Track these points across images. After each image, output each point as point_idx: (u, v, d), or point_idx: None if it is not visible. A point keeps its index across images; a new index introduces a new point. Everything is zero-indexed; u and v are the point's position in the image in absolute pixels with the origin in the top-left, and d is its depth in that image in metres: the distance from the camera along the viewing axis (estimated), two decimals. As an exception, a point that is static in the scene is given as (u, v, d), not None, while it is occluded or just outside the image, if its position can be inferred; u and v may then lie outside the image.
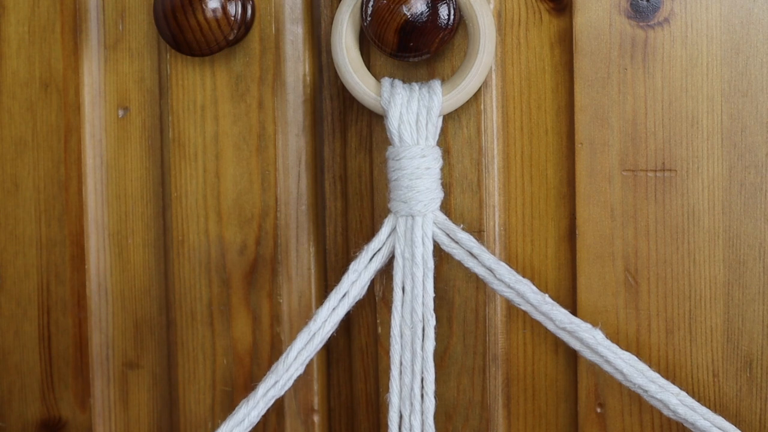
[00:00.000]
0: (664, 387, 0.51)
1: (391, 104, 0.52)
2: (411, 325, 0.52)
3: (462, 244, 0.53)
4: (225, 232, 0.59)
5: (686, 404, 0.51)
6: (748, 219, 0.53)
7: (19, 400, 0.64)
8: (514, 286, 0.52)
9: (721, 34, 0.52)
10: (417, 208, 0.52)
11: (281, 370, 0.53)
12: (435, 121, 0.53)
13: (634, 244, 0.54)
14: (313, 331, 0.53)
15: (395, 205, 0.53)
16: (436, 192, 0.53)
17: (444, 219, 0.53)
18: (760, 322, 0.53)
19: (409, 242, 0.53)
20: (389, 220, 0.53)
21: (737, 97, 0.52)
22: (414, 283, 0.52)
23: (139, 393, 0.62)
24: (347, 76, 0.54)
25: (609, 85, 0.54)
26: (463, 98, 0.53)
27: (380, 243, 0.54)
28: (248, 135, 0.58)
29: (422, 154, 0.52)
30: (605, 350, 0.51)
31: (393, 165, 0.53)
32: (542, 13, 0.55)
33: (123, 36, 0.60)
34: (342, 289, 0.53)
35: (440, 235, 0.53)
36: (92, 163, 0.62)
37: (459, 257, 0.53)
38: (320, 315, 0.53)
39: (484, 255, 0.52)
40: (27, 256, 0.63)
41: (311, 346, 0.53)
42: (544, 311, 0.52)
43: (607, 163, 0.54)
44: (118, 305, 0.62)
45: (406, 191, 0.52)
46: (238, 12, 0.55)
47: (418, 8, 0.52)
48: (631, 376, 0.51)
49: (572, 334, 0.51)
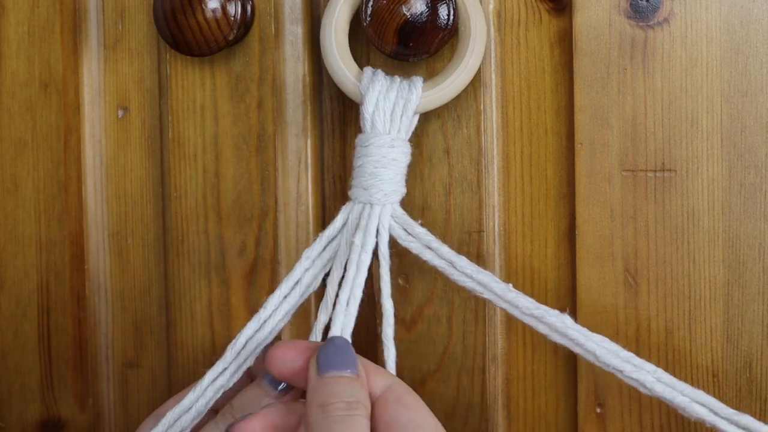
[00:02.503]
0: (640, 366, 0.50)
1: (369, 90, 0.52)
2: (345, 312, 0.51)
3: (419, 238, 0.52)
4: (225, 232, 0.58)
5: (663, 381, 0.50)
6: (748, 219, 0.53)
7: (18, 400, 0.64)
8: (475, 277, 0.52)
9: (721, 34, 0.52)
10: (377, 196, 0.52)
11: (229, 357, 0.51)
12: (410, 115, 0.53)
13: (634, 245, 0.54)
14: (263, 319, 0.52)
15: (355, 191, 0.53)
16: (398, 185, 0.53)
17: (402, 213, 0.53)
18: (760, 322, 0.53)
19: (362, 229, 0.52)
20: (346, 207, 0.53)
21: (737, 97, 0.52)
22: (357, 270, 0.51)
23: (139, 393, 0.62)
24: (330, 59, 0.54)
25: (609, 85, 0.54)
26: (443, 98, 0.53)
27: (335, 230, 0.53)
28: (248, 135, 0.58)
29: (391, 144, 0.52)
30: (575, 333, 0.50)
31: (360, 151, 0.52)
32: (542, 13, 0.55)
33: (123, 36, 0.60)
34: (294, 277, 0.52)
35: (397, 228, 0.53)
36: (92, 163, 0.62)
37: (416, 251, 0.52)
38: (270, 302, 0.52)
39: (442, 249, 0.52)
40: (27, 256, 0.63)
41: (261, 334, 0.52)
42: (509, 299, 0.51)
43: (606, 163, 0.54)
44: (117, 305, 0.62)
45: (369, 178, 0.52)
46: (238, 12, 0.55)
47: (418, 8, 0.52)
48: (604, 357, 0.50)
49: (539, 319, 0.51)
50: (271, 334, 0.52)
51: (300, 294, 0.53)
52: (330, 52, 0.54)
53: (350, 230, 0.52)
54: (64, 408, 0.63)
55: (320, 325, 0.52)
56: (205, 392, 0.51)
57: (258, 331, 0.52)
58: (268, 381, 0.49)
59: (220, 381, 0.51)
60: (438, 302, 0.56)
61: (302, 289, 0.53)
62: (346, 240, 0.52)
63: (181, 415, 0.51)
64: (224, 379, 0.51)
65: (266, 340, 0.52)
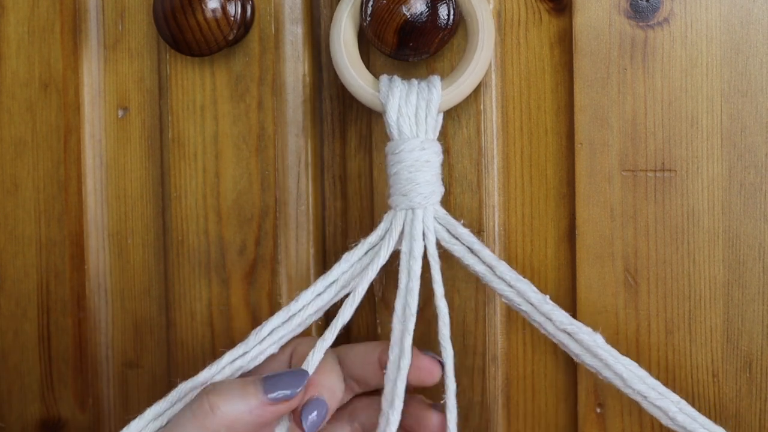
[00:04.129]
0: (664, 394, 0.50)
1: (390, 98, 0.52)
2: (402, 320, 0.52)
3: (462, 239, 0.52)
4: (225, 232, 0.59)
5: (685, 412, 0.50)
6: (748, 219, 0.53)
7: (18, 400, 0.64)
8: (514, 285, 0.51)
9: (721, 34, 0.52)
10: (417, 200, 0.52)
11: (252, 342, 0.52)
12: (434, 115, 0.52)
13: (634, 245, 0.54)
14: (293, 312, 0.52)
15: (395, 199, 0.53)
16: (436, 185, 0.52)
17: (444, 213, 0.52)
18: (760, 322, 0.53)
19: (408, 236, 0.52)
20: (389, 215, 0.53)
21: (737, 97, 0.52)
22: (410, 277, 0.51)
23: (138, 393, 0.62)
24: (345, 73, 0.54)
25: (609, 85, 0.54)
26: (462, 93, 0.53)
27: (378, 237, 0.53)
28: (248, 135, 0.58)
29: (421, 147, 0.52)
30: (605, 354, 0.50)
31: (392, 159, 0.52)
32: (542, 13, 0.55)
33: (123, 36, 0.60)
34: (330, 277, 0.52)
35: (440, 230, 0.52)
36: (92, 163, 0.62)
37: (459, 254, 0.52)
38: (302, 297, 0.52)
39: (484, 252, 0.52)
40: (26, 256, 0.63)
41: (288, 326, 0.52)
42: (545, 311, 0.51)
43: (606, 163, 0.54)
44: (117, 305, 0.62)
45: (406, 184, 0.52)
46: (238, 12, 0.55)
47: (418, 8, 0.52)
48: (631, 381, 0.50)
49: (572, 336, 0.51)
50: (299, 327, 0.52)
51: (334, 293, 0.53)
52: (343, 65, 0.53)
53: (394, 237, 0.52)
54: (64, 408, 0.63)
55: (334, 330, 0.52)
56: (222, 370, 0.51)
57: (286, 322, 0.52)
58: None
59: (239, 363, 0.51)
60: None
61: (337, 289, 0.53)
62: (387, 246, 0.52)
63: (195, 389, 0.51)
64: (244, 362, 0.51)
65: (293, 332, 0.52)
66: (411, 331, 0.51)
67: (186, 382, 0.51)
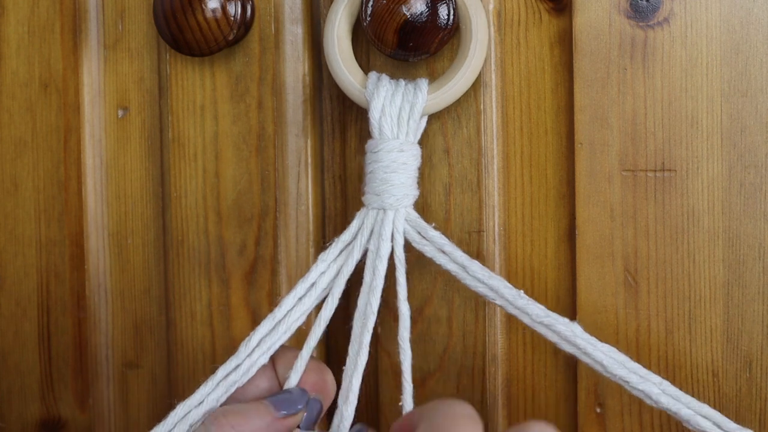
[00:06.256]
0: (645, 377, 0.50)
1: (375, 96, 0.52)
2: (363, 317, 0.52)
3: (433, 241, 0.53)
4: (224, 232, 0.59)
5: (668, 393, 0.50)
6: (748, 219, 0.53)
7: (18, 400, 0.64)
8: (487, 282, 0.52)
9: (721, 34, 0.52)
10: (389, 201, 0.52)
11: (243, 353, 0.52)
12: (417, 118, 0.53)
13: (634, 244, 0.54)
14: (278, 318, 0.52)
15: (368, 197, 0.53)
16: (410, 188, 0.53)
17: (416, 216, 0.53)
18: (760, 322, 0.53)
19: (376, 235, 0.52)
20: (361, 213, 0.53)
21: (737, 97, 0.52)
22: (374, 275, 0.52)
23: (138, 393, 0.62)
24: (335, 66, 0.54)
25: (609, 85, 0.54)
26: (448, 99, 0.53)
27: (351, 235, 0.53)
28: (248, 135, 0.58)
29: (400, 148, 0.52)
30: (583, 342, 0.50)
31: (370, 157, 0.53)
32: (542, 13, 0.55)
33: (122, 36, 0.60)
34: (309, 279, 0.53)
35: (411, 232, 0.53)
36: (92, 163, 0.62)
37: (430, 254, 0.53)
38: (285, 303, 0.52)
39: (456, 252, 0.52)
40: (26, 256, 0.63)
41: (275, 335, 0.52)
42: (520, 306, 0.51)
43: (606, 163, 0.54)
44: (117, 305, 0.62)
45: (380, 184, 0.52)
46: (238, 12, 0.55)
47: (418, 8, 0.52)
48: (611, 367, 0.50)
49: (549, 327, 0.51)
50: (285, 333, 0.52)
51: (316, 296, 0.53)
52: (334, 59, 0.54)
53: (365, 235, 0.52)
54: (64, 408, 0.63)
55: (317, 333, 0.52)
56: (217, 387, 0.51)
57: (272, 330, 0.52)
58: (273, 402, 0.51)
59: (233, 377, 0.51)
60: (438, 302, 0.56)
61: (318, 292, 0.53)
62: (359, 245, 0.53)
63: (191, 409, 0.51)
64: (237, 375, 0.51)
65: (280, 339, 0.52)
66: (370, 329, 0.51)
67: (183, 404, 0.51)
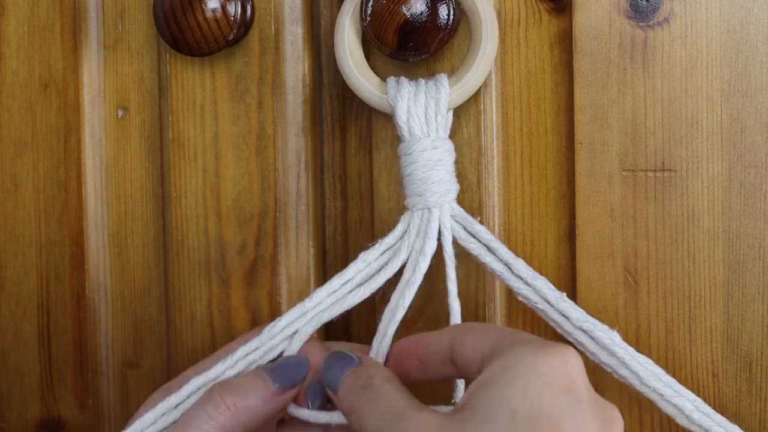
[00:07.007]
0: (680, 392, 0.50)
1: (398, 99, 0.52)
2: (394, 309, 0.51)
3: (479, 237, 0.52)
4: (224, 232, 0.59)
5: (702, 411, 0.50)
6: (748, 219, 0.53)
7: (18, 400, 0.64)
8: (531, 282, 0.51)
9: (721, 34, 0.52)
10: (432, 199, 0.52)
11: (266, 337, 0.52)
12: (444, 113, 0.52)
13: (634, 244, 0.54)
14: (307, 308, 0.52)
15: (411, 200, 0.52)
16: (450, 184, 0.52)
17: (461, 211, 0.52)
18: (760, 322, 0.53)
19: (422, 234, 0.52)
20: (406, 216, 0.53)
21: (737, 97, 0.52)
22: (414, 272, 0.51)
23: (138, 393, 0.62)
24: (351, 77, 0.54)
25: (609, 85, 0.54)
26: (468, 90, 0.53)
27: (396, 238, 0.53)
28: (248, 135, 0.58)
29: (433, 146, 0.52)
30: (622, 352, 0.50)
31: (405, 160, 0.52)
32: (542, 13, 0.55)
33: (122, 36, 0.60)
34: (346, 275, 0.53)
35: (457, 228, 0.52)
36: (92, 163, 0.62)
37: (476, 252, 0.52)
38: (317, 294, 0.52)
39: (501, 249, 0.52)
40: (26, 256, 0.63)
41: (301, 321, 0.52)
42: (561, 309, 0.51)
43: (606, 163, 0.54)
44: (117, 305, 0.62)
45: (420, 184, 0.52)
46: (238, 12, 0.55)
47: (418, 8, 0.52)
48: (647, 379, 0.50)
49: (588, 333, 0.50)
50: (313, 322, 0.52)
51: (348, 291, 0.53)
52: (349, 69, 0.54)
53: (412, 237, 0.52)
54: (64, 408, 0.63)
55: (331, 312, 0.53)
56: (235, 365, 0.51)
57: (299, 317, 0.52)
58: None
59: (252, 357, 0.52)
60: (438, 301, 0.56)
61: (351, 287, 0.53)
62: (406, 245, 0.52)
63: (207, 383, 0.51)
64: (257, 356, 0.52)
65: (306, 327, 0.52)
66: (397, 322, 0.51)
67: (198, 377, 0.52)
